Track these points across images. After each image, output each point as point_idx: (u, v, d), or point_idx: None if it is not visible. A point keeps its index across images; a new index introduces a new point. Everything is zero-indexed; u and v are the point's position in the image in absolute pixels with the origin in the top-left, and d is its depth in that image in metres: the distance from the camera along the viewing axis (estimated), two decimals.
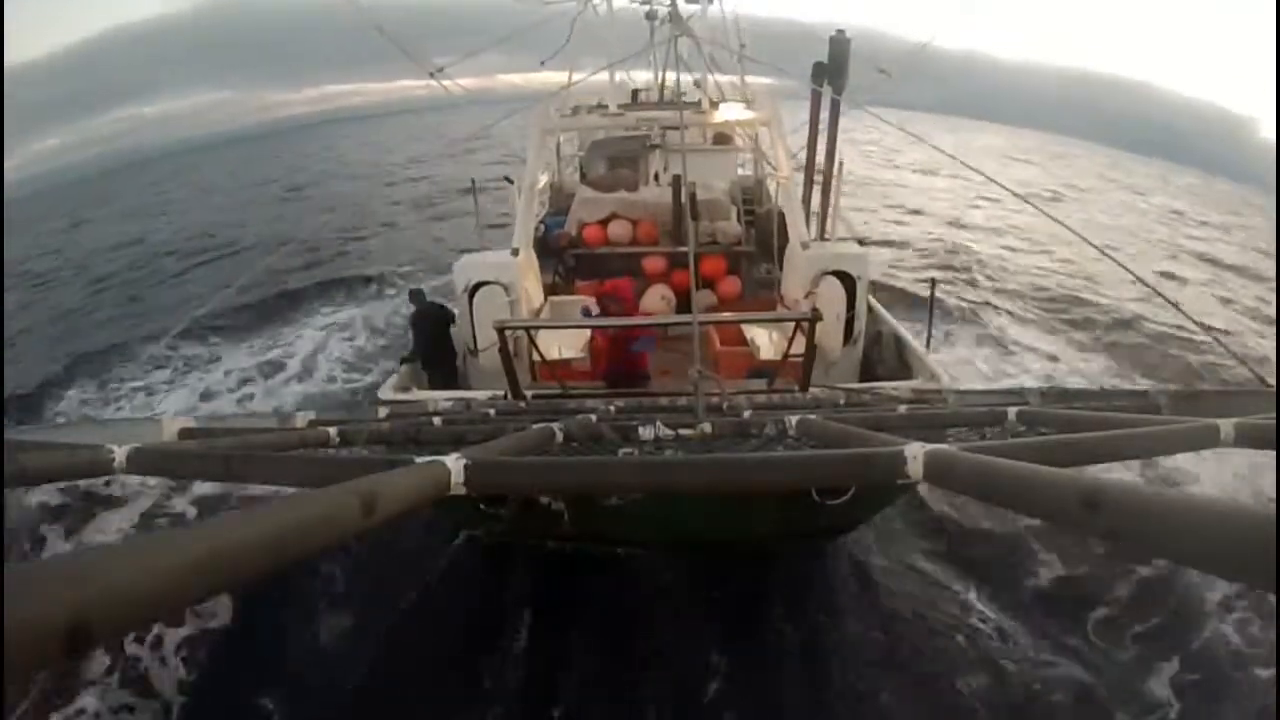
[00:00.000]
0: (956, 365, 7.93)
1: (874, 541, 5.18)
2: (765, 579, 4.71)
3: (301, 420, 2.85)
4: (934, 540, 5.32)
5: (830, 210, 7.47)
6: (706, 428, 2.23)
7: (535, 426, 2.08)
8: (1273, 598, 4.20)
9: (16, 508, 5.56)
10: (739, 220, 8.71)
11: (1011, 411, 2.09)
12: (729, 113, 6.82)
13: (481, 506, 3.79)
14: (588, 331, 5.68)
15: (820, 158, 7.56)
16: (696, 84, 9.34)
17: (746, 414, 2.61)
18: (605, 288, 6.18)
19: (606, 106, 6.90)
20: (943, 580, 4.91)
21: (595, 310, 6.12)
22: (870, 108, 4.86)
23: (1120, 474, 4.54)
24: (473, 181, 7.39)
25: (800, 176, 7.70)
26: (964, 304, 11.75)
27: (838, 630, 4.42)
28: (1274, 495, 5.66)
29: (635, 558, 4.71)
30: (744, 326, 5.89)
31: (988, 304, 11.99)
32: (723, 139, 11.17)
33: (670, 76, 9.85)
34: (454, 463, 1.08)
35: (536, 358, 4.95)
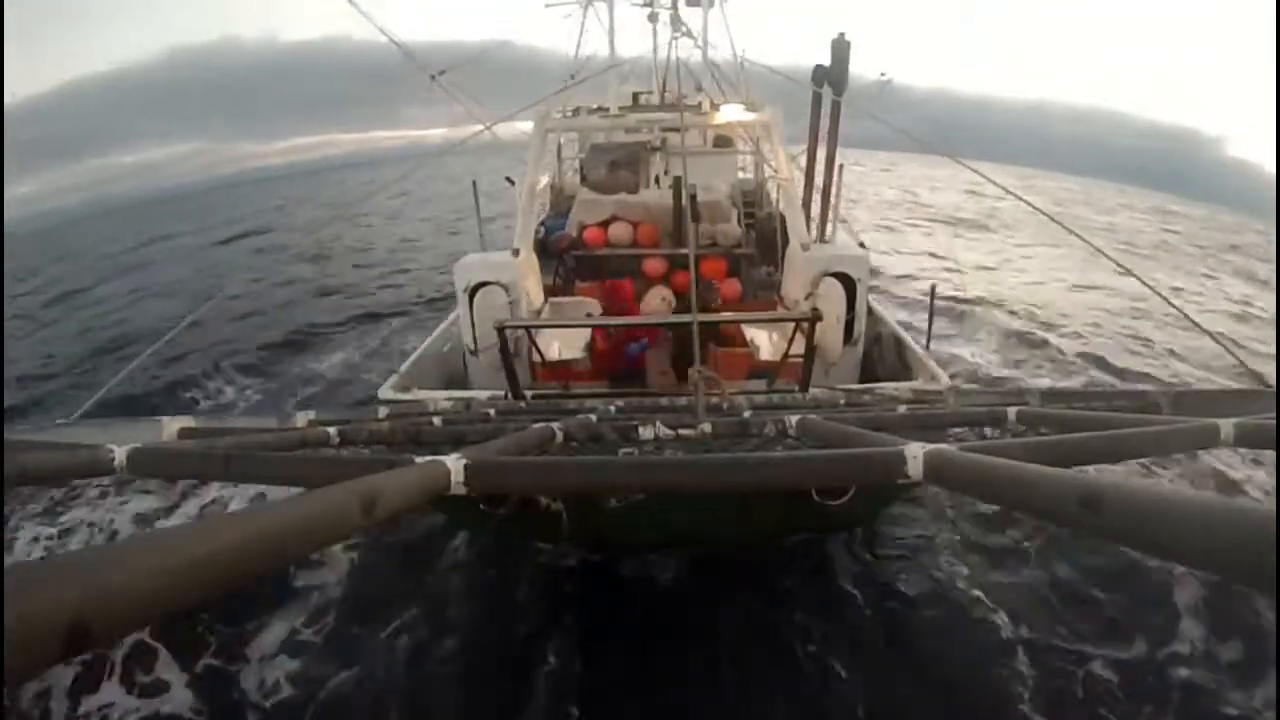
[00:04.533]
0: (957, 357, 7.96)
1: (876, 540, 5.18)
2: (765, 580, 4.70)
3: (301, 420, 2.86)
4: (938, 534, 5.31)
5: (830, 212, 7.49)
6: (706, 428, 2.24)
7: (535, 426, 2.08)
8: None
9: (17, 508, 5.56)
10: (739, 222, 8.72)
11: (1011, 411, 2.10)
12: (729, 115, 6.83)
13: (481, 506, 3.79)
14: (588, 331, 5.69)
15: (820, 160, 7.57)
16: (698, 86, 9.37)
17: (746, 414, 2.62)
18: (605, 286, 6.24)
19: (607, 109, 6.91)
20: (949, 575, 4.91)
21: (598, 311, 6.17)
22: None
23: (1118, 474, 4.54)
24: (474, 184, 7.39)
25: (801, 178, 7.71)
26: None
27: (839, 630, 4.41)
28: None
29: (635, 558, 4.71)
30: (744, 327, 5.89)
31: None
32: (723, 141, 11.19)
33: (671, 79, 9.87)
34: (454, 463, 1.08)
35: (536, 358, 4.95)
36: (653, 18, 10.23)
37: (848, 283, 5.69)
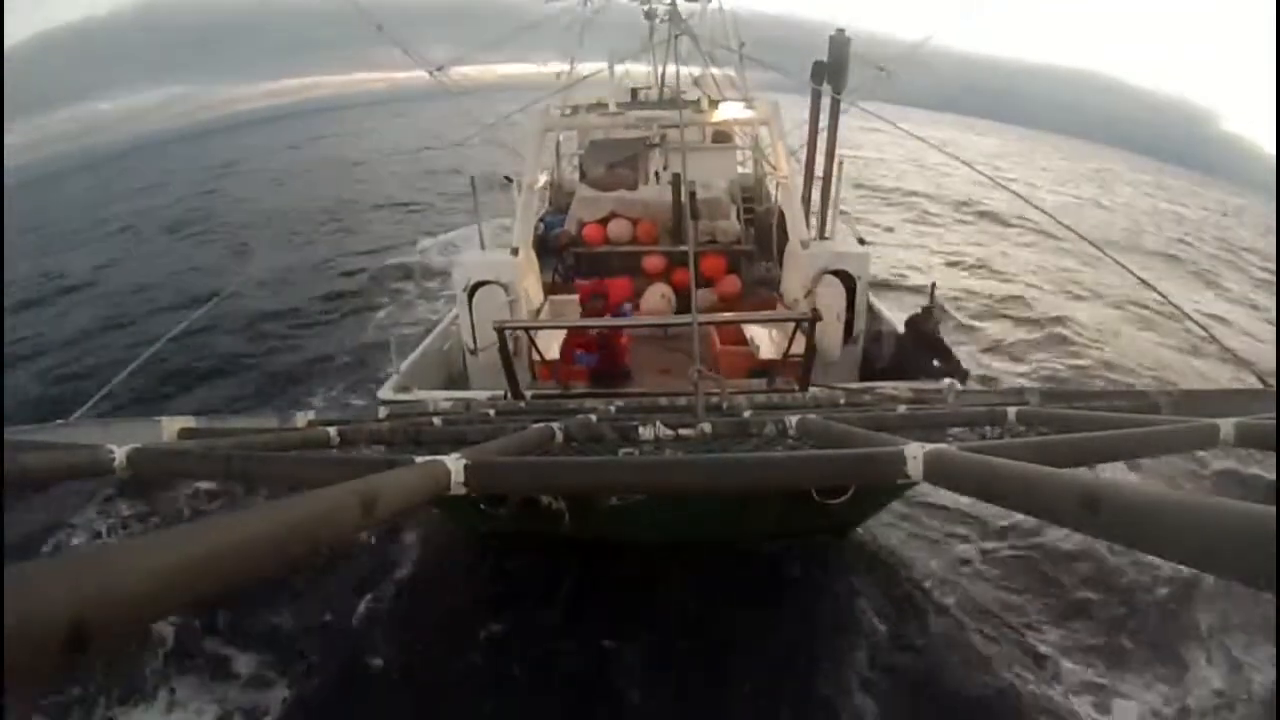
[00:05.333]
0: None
1: (875, 540, 5.19)
2: (765, 579, 4.71)
3: (301, 420, 2.85)
4: (936, 534, 5.32)
5: (830, 209, 7.48)
6: (706, 428, 2.24)
7: (535, 426, 2.08)
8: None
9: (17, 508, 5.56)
10: (739, 219, 8.72)
11: (1011, 411, 2.10)
12: (728, 111, 6.83)
13: (481, 506, 3.79)
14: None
15: (820, 156, 7.56)
16: (696, 82, 9.35)
17: (746, 414, 2.61)
18: (588, 287, 6.23)
19: (606, 105, 6.90)
20: (948, 574, 4.91)
21: (578, 311, 6.17)
22: (862, 104, 4.90)
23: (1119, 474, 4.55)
24: (472, 180, 7.39)
25: (800, 175, 7.71)
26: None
27: (839, 630, 4.42)
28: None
29: (635, 558, 4.71)
30: (744, 326, 5.89)
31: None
32: (722, 138, 11.18)
33: (670, 75, 9.86)
34: (454, 463, 1.08)
35: (536, 357, 4.95)
36: (650, 14, 10.22)
37: (847, 280, 5.69)
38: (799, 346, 4.27)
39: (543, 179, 9.35)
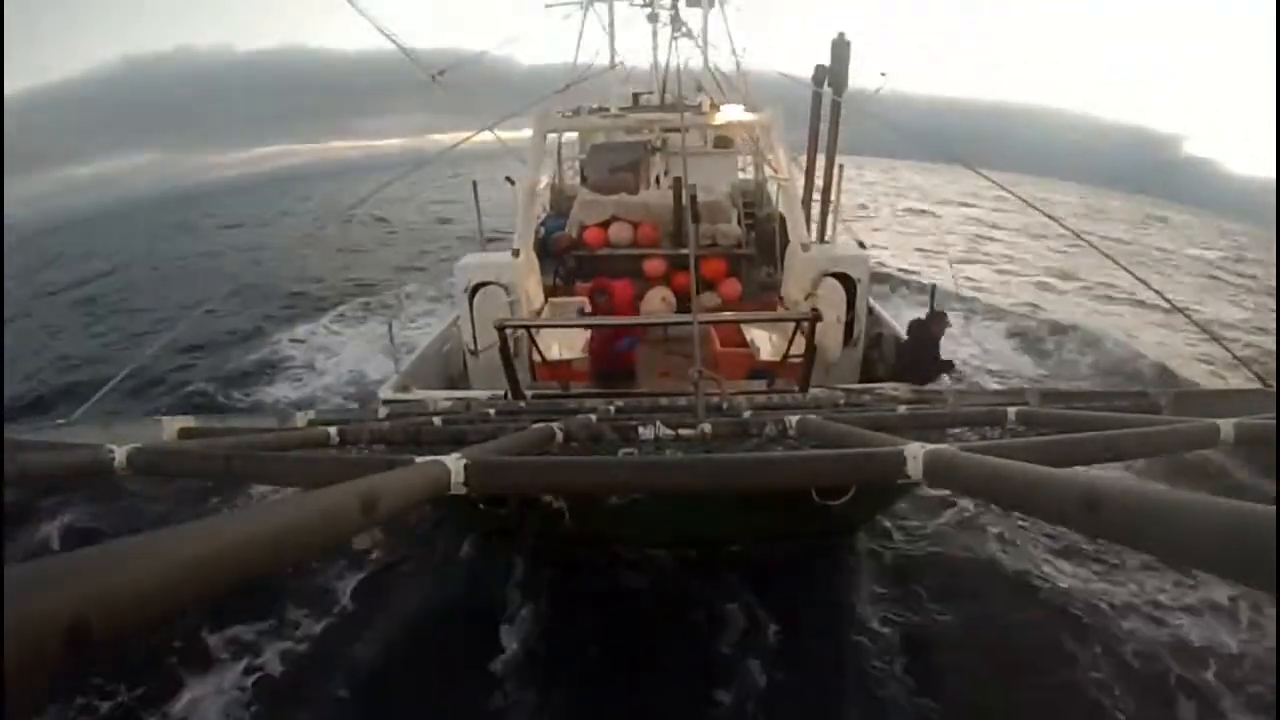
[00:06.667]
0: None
1: (874, 541, 5.18)
2: (765, 580, 4.70)
3: (301, 420, 2.85)
4: (935, 535, 5.31)
5: (830, 212, 7.49)
6: (706, 428, 2.23)
7: (535, 426, 2.08)
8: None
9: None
10: (739, 223, 8.73)
11: (1011, 411, 2.10)
12: (729, 115, 6.84)
13: (481, 506, 3.79)
14: (587, 331, 5.69)
15: (821, 160, 7.59)
16: (699, 88, 9.38)
17: (746, 414, 2.61)
18: (596, 284, 6.24)
19: (608, 109, 6.91)
20: (947, 575, 4.90)
21: (587, 308, 6.16)
22: None
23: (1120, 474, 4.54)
24: (474, 184, 7.39)
25: (801, 179, 7.72)
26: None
27: (838, 631, 4.41)
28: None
29: (635, 558, 4.71)
30: (744, 327, 5.89)
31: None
32: (724, 142, 11.20)
33: (671, 79, 9.88)
34: (454, 462, 1.08)
35: (536, 358, 4.96)
36: (653, 18, 10.26)
37: (848, 283, 5.69)
38: (799, 348, 4.28)
39: (544, 182, 9.37)
